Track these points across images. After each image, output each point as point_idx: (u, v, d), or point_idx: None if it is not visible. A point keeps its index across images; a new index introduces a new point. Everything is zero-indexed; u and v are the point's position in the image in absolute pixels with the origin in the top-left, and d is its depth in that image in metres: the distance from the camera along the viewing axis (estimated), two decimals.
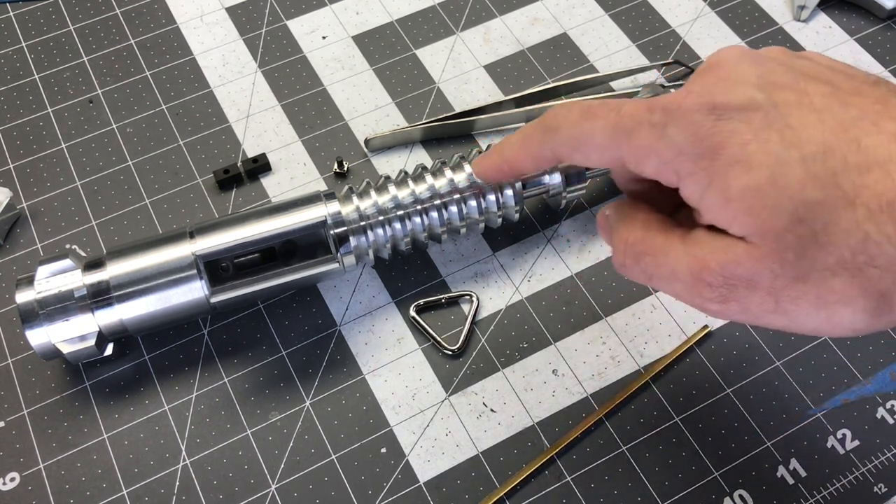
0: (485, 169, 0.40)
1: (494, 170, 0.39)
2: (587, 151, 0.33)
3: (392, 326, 0.46)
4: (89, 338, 0.42)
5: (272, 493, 0.42)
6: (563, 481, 0.42)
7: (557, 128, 0.34)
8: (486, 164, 0.40)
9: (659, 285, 0.33)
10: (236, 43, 0.58)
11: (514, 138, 0.38)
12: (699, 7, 0.59)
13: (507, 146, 0.38)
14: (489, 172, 0.40)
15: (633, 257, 0.33)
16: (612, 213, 0.35)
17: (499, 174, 0.39)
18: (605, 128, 0.32)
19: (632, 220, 0.34)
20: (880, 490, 0.41)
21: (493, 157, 0.39)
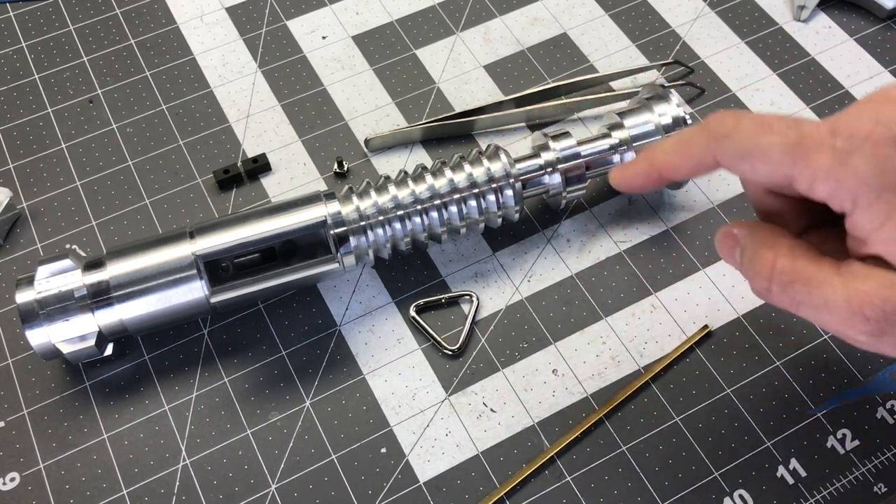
0: (629, 177, 0.38)
1: (643, 177, 0.38)
2: (756, 164, 0.33)
3: (392, 326, 0.46)
4: (89, 338, 0.42)
5: (272, 493, 0.42)
6: (563, 481, 0.42)
7: (727, 135, 0.34)
8: (632, 172, 0.38)
9: (806, 313, 0.34)
10: (236, 43, 0.58)
11: (667, 144, 0.37)
12: (699, 7, 0.59)
13: (659, 152, 0.37)
14: (635, 181, 0.38)
15: (782, 285, 0.33)
16: (746, 235, 0.35)
17: (647, 182, 0.38)
18: (783, 144, 0.32)
19: (775, 246, 0.34)
20: (880, 490, 0.41)
21: (641, 164, 0.38)
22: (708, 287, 0.47)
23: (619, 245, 0.49)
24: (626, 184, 0.39)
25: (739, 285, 0.47)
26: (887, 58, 0.56)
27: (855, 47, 0.56)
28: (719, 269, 0.48)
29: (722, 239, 0.37)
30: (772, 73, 0.55)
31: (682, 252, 0.48)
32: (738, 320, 0.46)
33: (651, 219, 0.50)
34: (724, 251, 0.37)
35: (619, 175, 0.39)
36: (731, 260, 0.37)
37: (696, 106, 0.54)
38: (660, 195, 0.51)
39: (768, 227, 0.36)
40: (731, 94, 0.54)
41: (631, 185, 0.39)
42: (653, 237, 0.49)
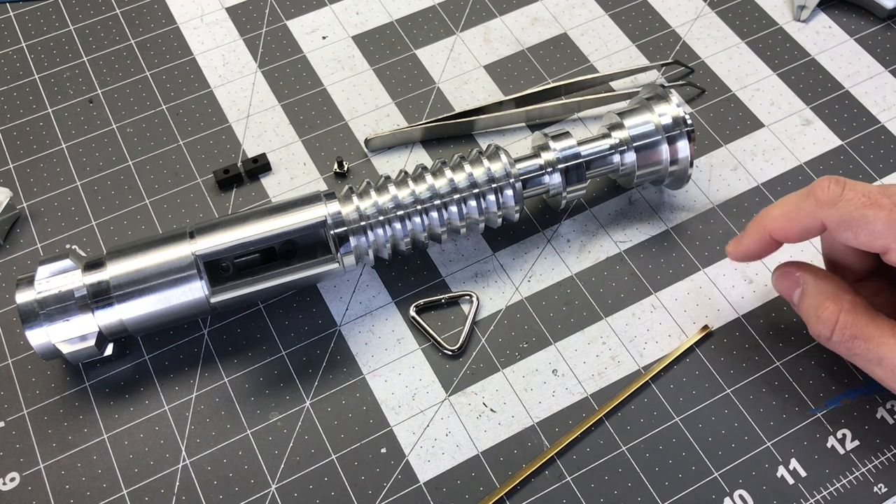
0: (745, 247, 0.42)
1: (758, 245, 0.41)
2: (860, 233, 0.37)
3: (392, 326, 0.46)
4: (89, 338, 0.42)
5: (272, 493, 0.42)
6: (563, 481, 0.42)
7: (834, 204, 0.37)
8: (747, 242, 0.42)
9: (859, 363, 0.39)
10: (236, 43, 0.58)
11: (776, 211, 0.40)
12: (699, 7, 0.59)
13: (769, 220, 0.40)
14: (752, 248, 0.42)
15: (842, 337, 0.39)
16: (811, 283, 0.40)
17: (763, 249, 0.42)
18: (887, 219, 0.36)
19: (838, 299, 0.39)
20: (880, 490, 0.41)
21: (753, 234, 0.41)
22: (708, 287, 0.47)
23: (619, 245, 0.49)
24: (743, 253, 0.42)
25: (739, 285, 0.47)
26: (887, 58, 0.56)
27: (855, 47, 0.56)
28: (719, 269, 0.48)
29: (782, 277, 0.42)
30: (772, 73, 0.55)
31: (682, 252, 0.48)
32: (738, 320, 0.46)
33: (651, 219, 0.50)
34: (782, 288, 0.42)
35: (735, 248, 0.43)
36: (786, 296, 0.42)
37: (696, 106, 0.54)
38: (660, 195, 0.51)
39: (832, 279, 0.40)
40: (731, 94, 0.54)
41: (748, 253, 0.42)
42: (653, 237, 0.49)
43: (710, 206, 0.50)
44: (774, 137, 0.53)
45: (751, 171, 0.51)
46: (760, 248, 0.41)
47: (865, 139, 0.52)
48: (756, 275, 0.48)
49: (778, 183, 0.51)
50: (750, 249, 0.42)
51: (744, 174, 0.51)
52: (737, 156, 0.52)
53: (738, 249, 0.42)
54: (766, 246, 0.41)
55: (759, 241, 0.41)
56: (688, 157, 0.46)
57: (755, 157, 0.52)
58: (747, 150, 0.52)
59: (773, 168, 0.51)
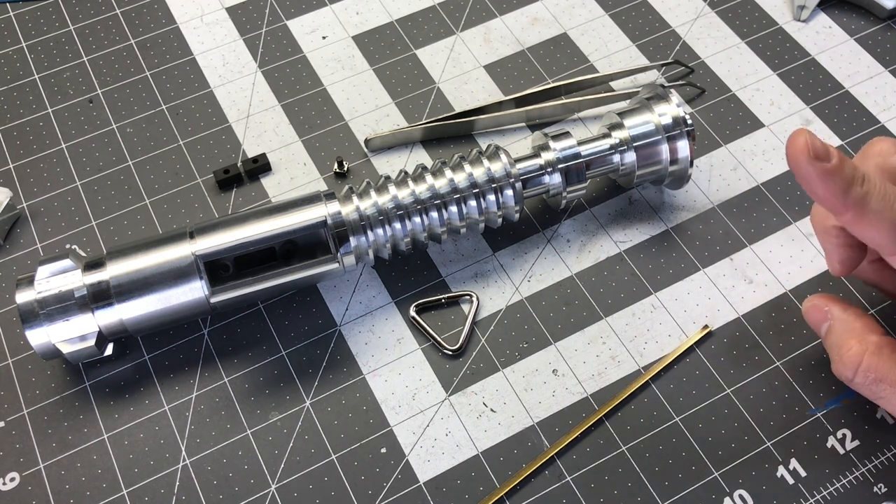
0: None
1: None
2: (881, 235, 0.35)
3: (392, 326, 0.46)
4: (89, 338, 0.42)
5: (272, 493, 0.42)
6: (563, 481, 0.42)
7: None
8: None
9: (886, 407, 0.39)
10: (236, 43, 0.58)
11: None
12: (699, 7, 0.59)
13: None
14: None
15: (865, 380, 0.38)
16: (838, 318, 0.40)
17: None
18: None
19: (863, 340, 0.39)
20: (880, 490, 0.41)
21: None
22: (708, 287, 0.47)
23: (619, 245, 0.49)
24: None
25: (739, 285, 0.47)
26: (887, 58, 0.56)
27: (855, 47, 0.56)
28: (719, 269, 0.48)
29: (811, 310, 0.42)
30: (772, 73, 0.55)
31: (682, 252, 0.48)
32: (738, 320, 0.46)
33: (651, 219, 0.50)
34: (813, 320, 0.42)
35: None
36: (815, 328, 0.42)
37: (696, 106, 0.54)
38: (660, 195, 0.51)
39: (860, 316, 0.40)
40: (731, 94, 0.54)
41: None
42: (653, 237, 0.49)
43: (710, 206, 0.50)
44: (774, 137, 0.53)
45: (751, 170, 0.51)
46: (836, 203, 0.34)
47: (865, 139, 0.52)
48: (756, 275, 0.48)
49: (778, 183, 0.51)
50: (832, 193, 0.34)
51: (744, 174, 0.51)
52: (737, 156, 0.52)
53: (814, 162, 0.34)
54: (839, 205, 0.34)
55: (840, 199, 0.34)
56: (688, 157, 0.46)
57: (755, 157, 0.52)
58: (747, 150, 0.52)
59: (773, 168, 0.51)
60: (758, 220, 0.49)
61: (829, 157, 0.33)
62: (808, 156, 0.33)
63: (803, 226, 0.49)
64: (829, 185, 0.33)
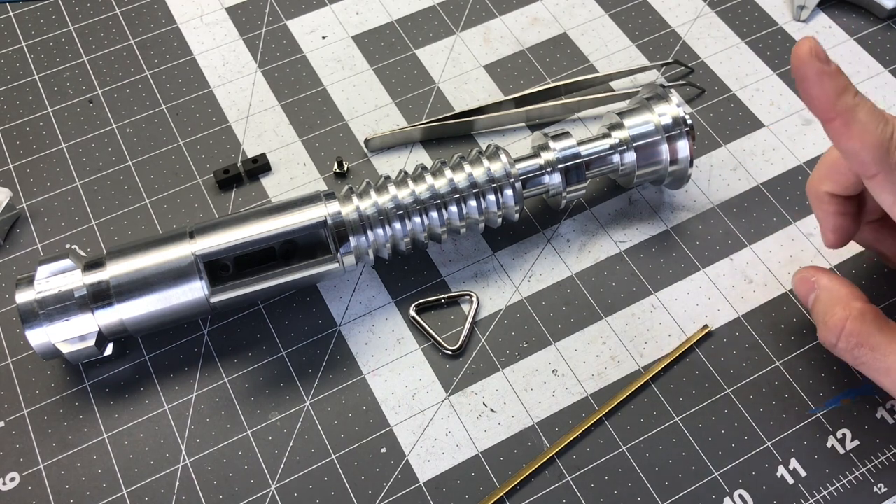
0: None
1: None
2: None
3: (392, 326, 0.46)
4: (89, 338, 0.42)
5: (272, 493, 0.42)
6: (563, 481, 0.42)
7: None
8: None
9: (867, 373, 0.40)
10: (236, 43, 0.58)
11: None
12: (699, 7, 0.59)
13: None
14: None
15: (847, 345, 0.39)
16: (824, 288, 0.41)
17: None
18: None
19: (846, 307, 0.40)
20: (880, 490, 0.41)
21: None
22: (708, 287, 0.47)
23: (619, 245, 0.49)
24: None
25: (739, 285, 0.47)
26: (887, 58, 0.56)
27: (855, 47, 0.56)
28: (719, 269, 0.48)
29: (800, 281, 0.43)
30: (772, 73, 0.55)
31: (682, 252, 0.48)
32: (738, 320, 0.46)
33: (651, 219, 0.50)
34: (800, 292, 0.43)
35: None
36: (802, 300, 0.43)
37: (696, 106, 0.54)
38: (660, 195, 0.51)
39: (846, 286, 0.41)
40: (731, 94, 0.54)
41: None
42: (653, 237, 0.49)
43: (710, 206, 0.50)
44: (774, 137, 0.53)
45: (751, 170, 0.51)
46: (827, 105, 0.35)
47: None
48: (756, 275, 0.48)
49: (778, 183, 0.51)
50: (824, 94, 0.35)
51: (744, 174, 0.51)
52: (737, 156, 0.52)
53: (814, 62, 0.35)
54: (829, 109, 0.35)
55: (831, 102, 0.35)
56: (688, 157, 0.46)
57: (755, 156, 0.52)
58: (747, 150, 0.52)
59: (773, 168, 0.51)
60: (758, 220, 0.49)
61: (829, 63, 0.35)
62: (811, 54, 0.35)
63: (803, 226, 0.49)
64: (824, 85, 0.35)
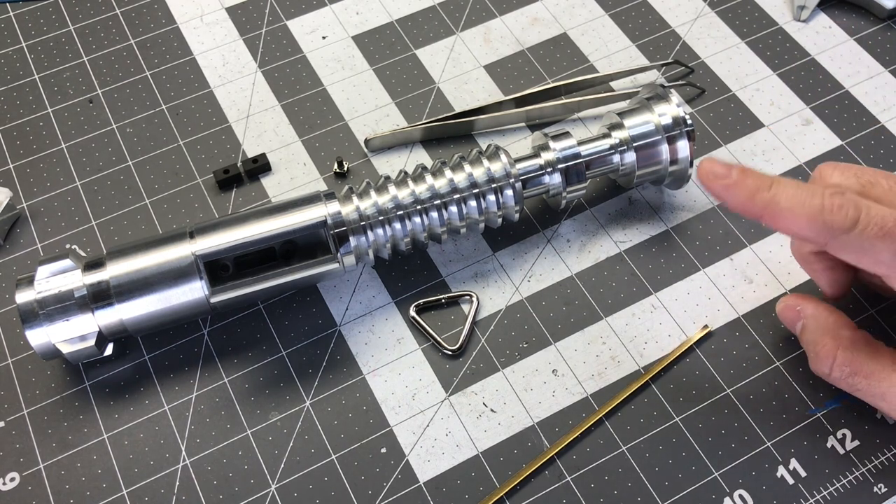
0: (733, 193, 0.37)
1: (746, 202, 0.37)
2: (863, 259, 0.36)
3: (392, 326, 0.46)
4: (89, 338, 0.42)
5: (272, 493, 0.42)
6: (563, 481, 0.42)
7: (847, 232, 0.35)
8: (737, 190, 0.37)
9: (864, 399, 0.40)
10: (236, 43, 0.58)
11: (784, 202, 0.36)
12: (699, 7, 0.59)
13: (775, 205, 0.36)
14: (741, 201, 0.37)
15: (841, 374, 0.39)
16: (811, 317, 0.41)
17: (746, 208, 0.38)
18: None
19: (836, 336, 0.40)
20: (880, 490, 0.41)
21: (750, 188, 0.37)
22: (708, 287, 0.47)
23: (619, 245, 0.49)
24: (719, 188, 0.37)
25: (739, 285, 0.47)
26: (887, 58, 0.56)
27: (855, 47, 0.56)
28: (719, 269, 0.48)
29: (784, 310, 0.43)
30: (772, 73, 0.55)
31: (682, 252, 0.48)
32: (738, 320, 0.46)
33: (651, 219, 0.50)
34: (785, 320, 0.43)
35: (711, 172, 0.38)
36: (789, 327, 0.43)
37: (696, 106, 0.54)
38: (660, 195, 0.51)
39: (833, 313, 0.41)
40: (731, 94, 0.54)
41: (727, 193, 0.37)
42: (653, 237, 0.49)
43: (709, 206, 0.50)
44: (774, 137, 0.53)
45: None
46: (747, 209, 0.37)
47: (865, 139, 0.52)
48: (756, 275, 0.48)
49: None
50: (738, 202, 0.37)
51: None
52: (737, 156, 0.52)
53: (716, 180, 0.37)
54: (751, 211, 0.37)
55: (748, 206, 0.37)
56: (688, 157, 0.46)
57: (755, 157, 0.52)
58: (747, 150, 0.52)
59: (773, 168, 0.51)
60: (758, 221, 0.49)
61: (729, 175, 0.37)
62: (710, 175, 0.37)
63: None
64: (734, 196, 0.37)
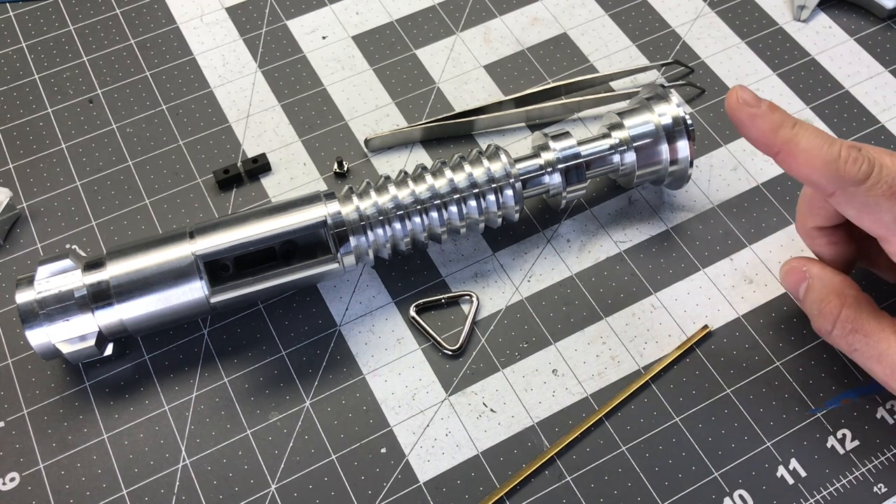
0: (758, 131, 0.37)
1: (767, 138, 0.37)
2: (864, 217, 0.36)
3: (392, 326, 0.46)
4: (89, 338, 0.42)
5: (272, 493, 0.42)
6: (563, 481, 0.42)
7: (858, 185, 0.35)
8: (760, 128, 0.37)
9: (859, 360, 0.39)
10: (236, 43, 0.58)
11: (803, 143, 0.36)
12: (699, 7, 0.59)
13: (794, 145, 0.37)
14: (762, 135, 0.37)
15: (843, 331, 0.39)
16: (817, 276, 0.41)
17: (768, 144, 0.38)
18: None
19: (841, 295, 0.40)
20: (880, 490, 0.41)
21: (772, 128, 0.37)
22: (708, 287, 0.47)
23: (619, 245, 0.49)
24: (750, 128, 0.38)
25: (739, 285, 0.47)
26: (887, 58, 0.56)
27: (855, 47, 0.56)
28: (719, 268, 0.48)
29: (789, 272, 0.42)
30: (772, 73, 0.55)
31: (682, 252, 0.48)
32: (738, 320, 0.46)
33: (651, 219, 0.50)
34: (789, 283, 0.42)
35: (741, 102, 0.38)
36: (792, 291, 0.42)
37: (696, 106, 0.54)
38: (660, 195, 0.51)
39: (837, 275, 0.41)
40: None
41: (754, 133, 0.38)
42: (653, 237, 0.49)
43: (710, 206, 0.50)
44: None
45: (751, 171, 0.51)
46: (767, 141, 0.37)
47: (865, 139, 0.52)
48: (756, 275, 0.48)
49: (778, 183, 0.51)
50: (761, 133, 0.37)
51: (744, 174, 0.51)
52: (737, 156, 0.52)
53: (744, 107, 0.37)
54: (770, 144, 0.37)
55: (769, 138, 0.37)
56: (688, 157, 0.46)
57: (755, 156, 0.52)
58: (747, 150, 0.52)
59: (773, 168, 0.51)
60: (758, 220, 0.49)
61: (758, 104, 0.37)
62: (739, 101, 0.37)
63: None
64: (759, 126, 0.37)
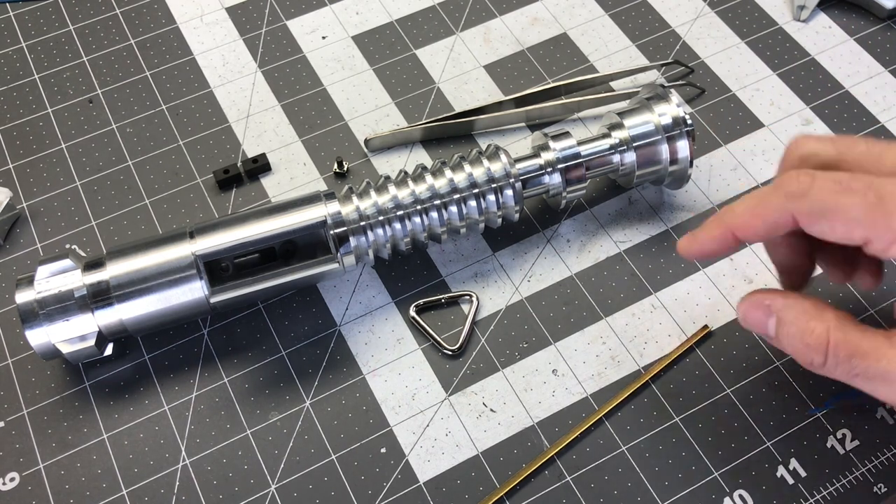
0: (701, 243, 0.37)
1: (717, 242, 0.37)
2: (836, 224, 0.33)
3: (392, 326, 0.46)
4: (89, 338, 0.42)
5: (272, 493, 0.42)
6: (563, 481, 0.42)
7: (804, 194, 0.33)
8: (704, 238, 0.37)
9: (863, 386, 0.34)
10: (236, 43, 0.58)
11: (740, 207, 0.36)
12: (699, 7, 0.59)
13: (732, 215, 0.36)
14: (708, 246, 0.37)
15: (838, 359, 0.34)
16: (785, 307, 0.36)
17: (721, 247, 0.37)
18: (864, 205, 0.32)
19: (823, 318, 0.34)
20: (880, 490, 0.41)
21: (713, 228, 0.37)
22: (708, 287, 0.47)
23: (619, 245, 0.49)
24: (699, 251, 0.38)
25: (739, 285, 0.47)
26: (887, 58, 0.56)
27: (855, 47, 0.56)
28: (719, 268, 0.48)
29: (749, 309, 0.37)
30: (772, 73, 0.55)
31: None
32: (738, 320, 0.46)
33: (651, 219, 0.50)
34: (753, 321, 0.37)
35: (688, 243, 0.38)
36: (758, 330, 0.37)
37: (696, 106, 0.54)
38: (660, 195, 0.51)
39: (807, 299, 0.36)
40: (731, 94, 0.54)
41: (704, 251, 0.37)
42: (653, 237, 0.49)
43: (709, 206, 0.50)
44: (774, 137, 0.53)
45: (751, 171, 0.51)
46: (719, 246, 0.37)
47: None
48: (756, 275, 0.48)
49: None
50: (706, 248, 0.37)
51: (744, 174, 0.51)
52: (737, 156, 0.52)
53: (693, 247, 0.38)
54: (725, 244, 0.37)
55: (717, 239, 0.37)
56: (688, 157, 0.46)
57: (755, 157, 0.52)
58: (747, 150, 0.52)
59: (773, 168, 0.51)
60: None
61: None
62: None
63: None
64: None
